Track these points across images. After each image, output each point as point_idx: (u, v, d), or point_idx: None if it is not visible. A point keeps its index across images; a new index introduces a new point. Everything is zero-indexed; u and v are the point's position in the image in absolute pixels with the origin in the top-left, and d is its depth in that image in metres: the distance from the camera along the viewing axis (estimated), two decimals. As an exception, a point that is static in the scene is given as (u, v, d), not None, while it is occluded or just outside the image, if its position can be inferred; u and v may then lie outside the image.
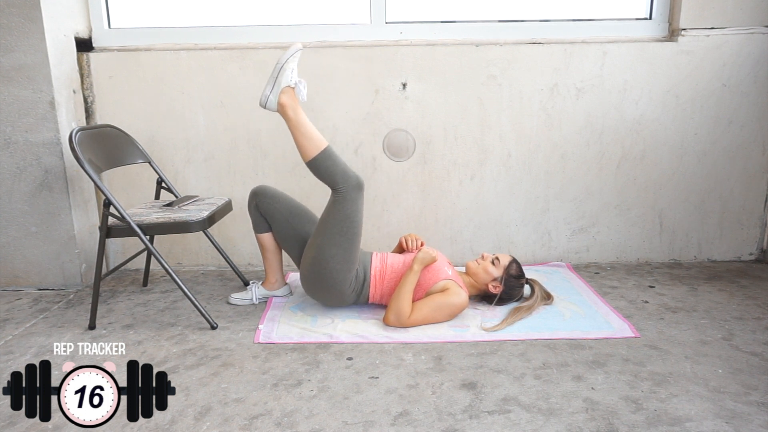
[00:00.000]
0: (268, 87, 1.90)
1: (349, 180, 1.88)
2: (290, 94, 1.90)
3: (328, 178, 1.89)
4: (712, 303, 2.14)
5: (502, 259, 2.08)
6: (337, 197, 1.89)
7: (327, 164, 1.88)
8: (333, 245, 1.91)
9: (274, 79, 1.89)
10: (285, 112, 1.90)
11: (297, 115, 1.89)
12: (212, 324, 1.96)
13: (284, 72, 1.87)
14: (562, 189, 2.57)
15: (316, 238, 1.94)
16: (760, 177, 2.55)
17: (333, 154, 1.90)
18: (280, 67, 1.87)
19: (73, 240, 2.33)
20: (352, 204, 1.89)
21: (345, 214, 1.89)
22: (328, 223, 1.91)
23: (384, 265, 2.04)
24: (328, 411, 1.44)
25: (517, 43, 2.43)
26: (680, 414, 1.41)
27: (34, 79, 2.19)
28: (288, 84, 1.88)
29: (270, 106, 1.92)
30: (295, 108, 1.90)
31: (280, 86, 1.88)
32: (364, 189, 1.92)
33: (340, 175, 1.88)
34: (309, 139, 1.89)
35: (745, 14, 2.38)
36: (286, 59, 1.87)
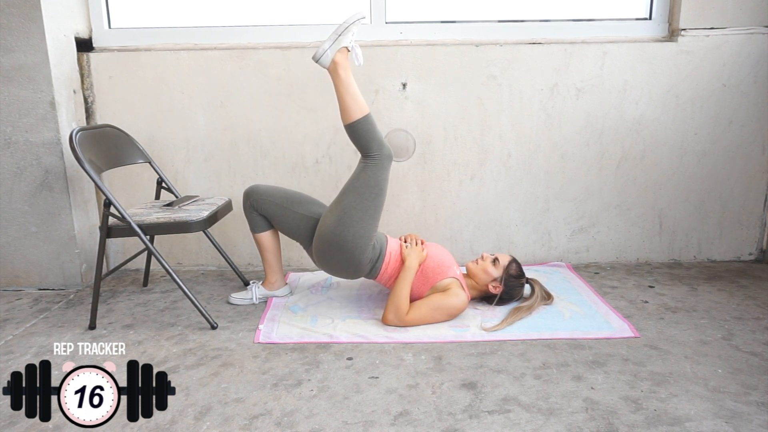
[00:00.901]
0: (327, 42, 1.92)
1: (383, 148, 1.93)
2: (345, 55, 1.93)
3: (364, 143, 1.93)
4: (712, 303, 2.14)
5: (502, 259, 2.08)
6: (368, 163, 1.92)
7: (368, 128, 1.92)
8: (359, 209, 1.92)
9: (336, 35, 1.91)
10: (336, 71, 1.92)
11: (348, 76, 1.92)
12: (212, 324, 1.96)
13: (347, 33, 1.91)
14: (562, 189, 2.58)
15: (342, 201, 1.94)
16: (760, 177, 2.55)
17: (374, 121, 1.95)
18: (345, 27, 1.90)
19: (73, 240, 2.33)
20: (384, 172, 1.93)
21: (375, 181, 1.92)
22: (356, 188, 1.93)
23: (399, 248, 2.07)
24: (328, 411, 1.44)
25: (517, 43, 2.43)
26: (680, 414, 1.41)
27: (35, 79, 2.19)
28: (346, 45, 1.92)
29: (323, 61, 1.93)
30: (347, 69, 1.93)
31: (340, 45, 1.91)
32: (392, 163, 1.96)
33: (377, 141, 1.92)
34: (355, 100, 1.92)
35: (745, 14, 2.38)
36: (352, 22, 1.91)
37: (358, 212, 1.91)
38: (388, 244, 2.06)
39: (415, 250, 2.03)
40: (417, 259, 2.00)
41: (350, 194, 1.93)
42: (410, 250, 2.03)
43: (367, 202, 1.92)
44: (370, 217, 1.93)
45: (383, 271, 2.03)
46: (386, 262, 2.02)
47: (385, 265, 2.03)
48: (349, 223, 1.91)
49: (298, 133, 2.50)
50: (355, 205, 1.91)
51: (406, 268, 1.97)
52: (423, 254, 2.03)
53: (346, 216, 1.92)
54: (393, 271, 2.03)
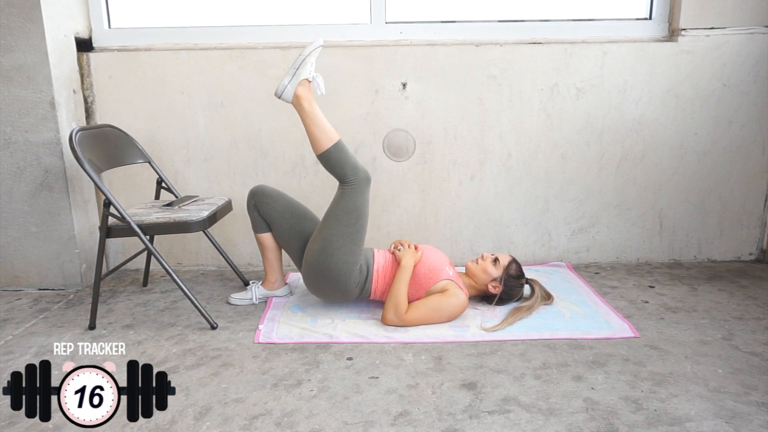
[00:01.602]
0: (287, 77, 1.91)
1: (358, 173, 1.91)
2: (307, 87, 1.92)
3: (338, 171, 1.92)
4: (712, 303, 2.14)
5: (502, 259, 2.08)
6: (346, 189, 1.91)
7: (339, 156, 1.91)
8: (340, 237, 1.91)
9: (295, 69, 1.90)
10: (300, 104, 1.91)
11: (312, 107, 1.91)
12: (212, 324, 1.96)
13: (305, 65, 1.89)
14: (562, 189, 2.57)
15: (323, 230, 1.94)
16: (760, 177, 2.55)
17: (344, 147, 1.93)
18: (302, 59, 1.89)
19: (73, 240, 2.33)
20: (361, 196, 1.92)
21: (354, 206, 1.91)
22: (336, 215, 1.92)
23: (386, 261, 2.05)
24: (328, 411, 1.44)
25: (517, 43, 2.43)
26: (680, 414, 1.41)
27: (34, 79, 2.19)
28: (306, 77, 1.91)
29: (286, 97, 1.93)
30: (310, 101, 1.92)
31: (299, 78, 1.90)
32: (371, 184, 1.95)
33: (351, 167, 1.91)
34: (323, 130, 1.91)
35: (745, 14, 2.38)
36: (309, 52, 1.89)
37: (340, 239, 1.91)
38: (374, 261, 2.05)
39: (409, 252, 2.02)
40: (412, 258, 1.99)
41: (330, 222, 1.93)
42: (404, 252, 2.02)
43: (348, 228, 1.91)
44: (352, 243, 1.93)
45: (374, 290, 2.03)
46: (375, 280, 2.02)
47: (374, 284, 2.02)
48: (332, 252, 1.92)
49: (298, 133, 2.50)
50: (336, 232, 1.91)
51: (402, 267, 1.96)
52: (417, 255, 2.02)
53: (328, 245, 1.92)
54: (385, 286, 2.03)
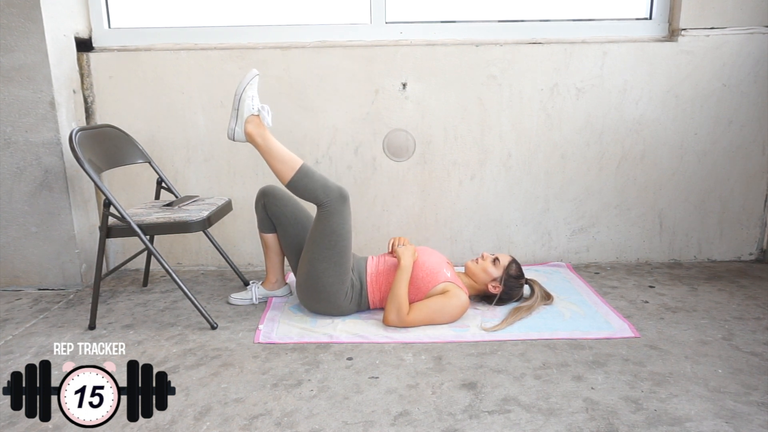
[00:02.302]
0: (232, 120, 1.90)
1: (330, 193, 1.88)
2: (255, 122, 1.90)
3: (309, 196, 1.89)
4: (712, 303, 2.14)
5: (502, 259, 2.08)
6: (322, 212, 1.89)
7: (305, 182, 1.88)
8: (323, 260, 1.91)
9: (236, 111, 1.89)
10: (254, 141, 1.90)
11: (266, 141, 1.90)
12: (212, 324, 1.96)
13: (244, 102, 1.88)
14: (562, 189, 2.58)
15: (306, 253, 1.95)
16: (760, 177, 2.55)
17: (309, 171, 1.90)
18: (238, 98, 1.88)
19: (73, 240, 2.33)
20: (338, 216, 1.89)
21: (331, 229, 1.89)
22: (316, 239, 1.92)
23: (379, 268, 2.04)
24: (328, 411, 1.44)
25: (517, 43, 2.43)
26: (680, 414, 1.41)
27: (34, 79, 2.19)
28: (251, 113, 1.89)
29: (238, 138, 1.92)
30: (264, 135, 1.90)
31: (244, 117, 1.89)
32: (348, 199, 1.91)
33: (320, 190, 1.88)
34: (282, 162, 1.89)
35: (745, 14, 2.38)
36: (243, 88, 1.87)
37: (323, 263, 1.91)
38: (367, 271, 2.04)
39: (408, 249, 2.01)
40: (411, 257, 1.98)
41: (311, 246, 1.92)
42: (403, 250, 2.00)
43: (329, 251, 1.90)
44: (336, 264, 1.92)
45: (372, 299, 2.03)
46: (370, 291, 2.01)
47: (371, 295, 2.02)
48: (318, 275, 1.92)
49: (298, 133, 2.50)
50: (318, 256, 1.91)
51: (402, 267, 1.95)
52: (415, 254, 2.01)
53: (313, 269, 1.92)
54: (382, 293, 2.02)
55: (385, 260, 2.07)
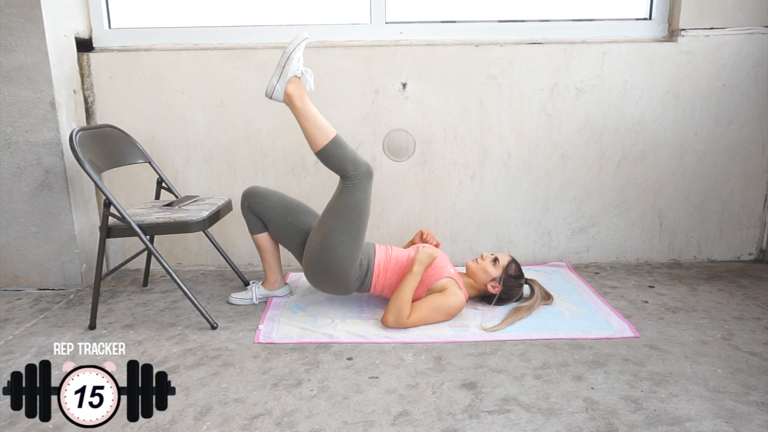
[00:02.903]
0: (274, 77, 1.86)
1: (359, 167, 1.87)
2: (297, 84, 1.87)
3: (338, 167, 1.88)
4: (712, 303, 2.14)
5: (502, 259, 2.08)
6: (347, 184, 1.88)
7: (337, 152, 1.87)
8: (341, 233, 1.89)
9: (281, 68, 1.85)
10: (292, 102, 1.87)
11: (304, 104, 1.87)
12: (212, 324, 1.96)
13: (291, 61, 1.84)
14: (562, 189, 2.58)
15: (324, 224, 1.92)
16: (760, 177, 2.55)
17: (342, 143, 1.89)
18: (287, 56, 1.84)
19: (73, 240, 2.33)
20: (362, 191, 1.88)
21: (355, 202, 1.88)
22: (336, 211, 1.90)
23: (388, 257, 2.04)
24: (328, 411, 1.44)
25: (517, 43, 2.43)
26: (680, 414, 1.41)
27: (35, 79, 2.19)
28: (294, 74, 1.86)
29: (276, 97, 1.88)
30: (302, 97, 1.87)
31: (287, 76, 1.85)
32: (373, 177, 1.91)
33: (350, 162, 1.87)
34: (318, 128, 1.87)
35: (745, 14, 2.38)
36: (293, 48, 1.84)
37: (340, 235, 1.90)
38: (375, 256, 2.04)
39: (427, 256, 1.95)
40: (424, 265, 1.96)
41: (331, 217, 1.91)
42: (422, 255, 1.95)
43: (348, 224, 1.89)
44: (352, 239, 1.91)
45: (374, 285, 2.03)
46: (375, 275, 2.02)
47: (375, 279, 2.02)
48: (333, 247, 1.90)
49: (298, 133, 2.47)
50: (336, 228, 1.90)
51: (413, 273, 1.94)
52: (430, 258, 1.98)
53: (329, 240, 1.90)
54: (385, 282, 2.02)
55: (394, 251, 2.07)
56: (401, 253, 2.07)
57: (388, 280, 2.02)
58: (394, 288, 2.02)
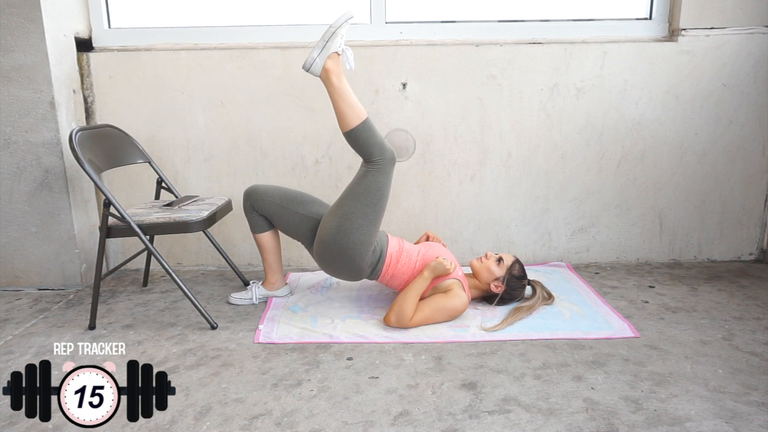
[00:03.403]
0: (315, 50, 1.84)
1: (385, 153, 1.88)
2: (336, 61, 1.86)
3: (365, 149, 1.88)
4: (712, 303, 2.14)
5: (506, 259, 2.08)
6: (370, 168, 1.88)
7: (367, 135, 1.87)
8: (360, 216, 1.89)
9: (324, 42, 1.83)
10: (329, 78, 1.85)
11: (341, 82, 1.86)
12: (212, 324, 1.96)
13: (335, 37, 1.83)
14: (562, 189, 2.57)
15: (342, 207, 1.91)
16: (760, 177, 2.55)
17: (372, 126, 1.89)
18: (333, 31, 1.82)
19: (73, 240, 2.33)
20: (385, 177, 1.89)
21: (377, 186, 1.89)
22: (357, 194, 1.90)
23: (401, 248, 2.05)
24: (328, 411, 1.44)
25: (517, 43, 2.43)
26: (680, 414, 1.41)
27: (34, 79, 2.19)
28: (336, 50, 1.85)
29: (314, 70, 1.86)
30: (340, 75, 1.86)
31: (329, 51, 1.84)
32: (395, 165, 1.92)
33: (378, 146, 1.87)
34: (351, 107, 1.86)
35: (745, 14, 2.38)
36: (340, 24, 1.82)
37: (359, 219, 1.89)
38: (388, 245, 2.04)
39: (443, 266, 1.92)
40: (434, 275, 1.95)
41: (351, 200, 1.90)
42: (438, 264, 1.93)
43: (368, 209, 1.89)
44: (370, 224, 1.91)
45: (384, 273, 2.03)
46: (387, 263, 2.01)
47: (386, 267, 2.02)
48: (350, 230, 1.89)
49: (298, 133, 2.50)
50: (356, 211, 1.89)
51: (423, 277, 1.94)
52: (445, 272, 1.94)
53: (347, 223, 1.89)
54: (395, 271, 2.02)
55: (406, 244, 2.07)
56: (412, 248, 2.08)
57: (397, 270, 2.02)
58: (401, 279, 2.02)
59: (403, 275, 2.01)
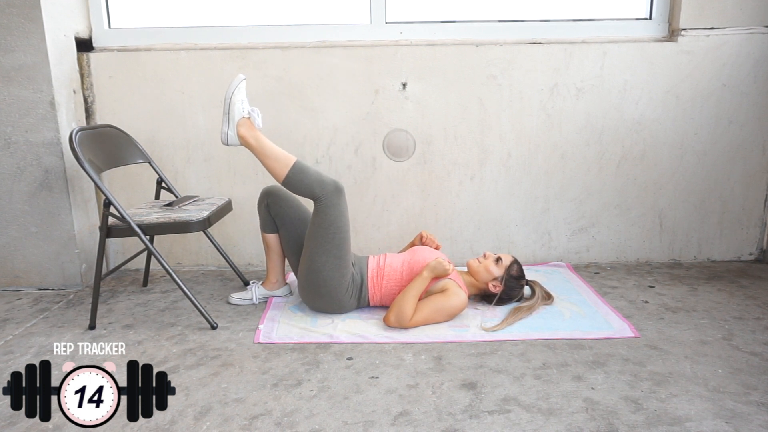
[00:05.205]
0: (224, 125, 1.93)
1: (326, 186, 1.90)
2: (247, 125, 1.92)
3: (306, 191, 1.92)
4: (712, 303, 2.14)
5: (505, 259, 2.08)
6: (319, 206, 1.92)
7: (300, 177, 1.91)
8: (322, 253, 1.93)
9: (226, 115, 1.92)
10: (247, 143, 1.92)
11: (259, 141, 1.92)
12: (212, 324, 1.96)
13: (234, 105, 1.90)
14: (562, 189, 2.57)
15: (306, 249, 1.97)
16: (760, 177, 2.55)
17: (304, 167, 1.93)
18: (228, 102, 1.90)
19: (73, 240, 2.33)
20: (335, 209, 1.91)
21: (329, 221, 1.91)
22: (314, 233, 1.94)
23: (380, 267, 2.05)
24: (328, 411, 1.44)
25: (517, 43, 2.43)
26: (680, 414, 1.41)
27: (34, 79, 2.19)
28: (242, 116, 1.91)
29: (232, 142, 1.94)
30: (256, 136, 1.92)
31: (235, 120, 1.91)
32: (344, 192, 1.94)
33: (316, 184, 1.91)
34: (276, 160, 1.92)
35: (745, 14, 2.38)
36: (232, 93, 1.90)
37: (322, 256, 1.93)
38: (368, 267, 2.05)
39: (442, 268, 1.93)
40: (434, 275, 1.95)
41: (310, 240, 1.95)
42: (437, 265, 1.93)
43: (328, 244, 1.92)
44: (334, 258, 1.93)
45: (372, 296, 2.04)
46: (371, 288, 2.03)
47: (371, 291, 2.03)
48: (318, 270, 1.94)
49: (298, 133, 2.50)
50: (317, 250, 1.93)
51: (422, 277, 1.94)
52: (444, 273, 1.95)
53: (313, 263, 1.94)
54: (383, 291, 2.02)
55: (388, 259, 2.07)
56: (395, 259, 2.07)
57: (385, 289, 2.02)
58: (394, 295, 2.02)
59: (393, 290, 2.02)
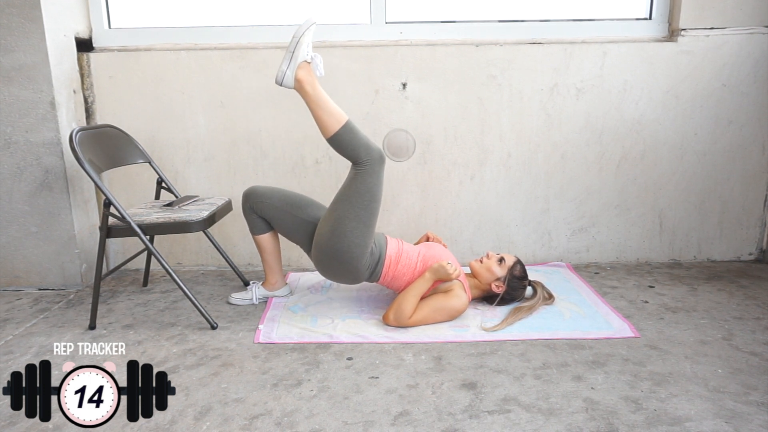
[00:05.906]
0: (284, 63, 1.83)
1: (371, 153, 1.86)
2: (307, 70, 1.84)
3: (350, 152, 1.86)
4: (712, 303, 2.14)
5: (508, 259, 2.08)
6: (359, 170, 1.87)
7: (350, 138, 1.85)
8: (353, 219, 1.87)
9: (291, 53, 1.82)
10: (303, 88, 1.85)
11: (315, 90, 1.84)
12: (212, 324, 1.96)
13: (300, 46, 1.81)
14: (562, 189, 2.57)
15: (335, 211, 1.90)
16: (760, 177, 2.55)
17: (354, 128, 1.87)
18: (296, 41, 1.81)
19: (73, 240, 2.33)
20: (375, 177, 1.87)
21: (367, 188, 1.87)
22: (348, 197, 1.88)
23: (400, 250, 2.03)
24: (328, 411, 1.44)
25: (517, 43, 2.43)
26: (680, 414, 1.41)
27: (35, 79, 2.19)
28: (304, 59, 1.83)
29: (287, 83, 1.86)
30: (313, 83, 1.85)
31: (297, 61, 1.82)
32: (385, 163, 1.90)
33: (363, 148, 1.85)
34: (329, 114, 1.85)
35: (745, 14, 2.38)
36: (303, 33, 1.80)
37: (352, 222, 1.88)
38: (387, 247, 2.03)
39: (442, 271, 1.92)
40: (437, 277, 1.95)
41: (342, 203, 1.89)
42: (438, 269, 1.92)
43: (360, 211, 1.88)
44: (364, 225, 1.89)
45: (384, 275, 2.02)
46: (386, 265, 2.01)
47: (385, 269, 2.01)
48: (343, 234, 1.88)
49: (298, 133, 2.50)
50: (348, 214, 1.88)
51: (424, 278, 1.94)
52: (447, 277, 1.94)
53: (340, 226, 1.88)
54: (395, 273, 2.01)
55: (406, 245, 2.06)
56: (412, 249, 2.07)
57: (397, 272, 2.01)
58: (402, 281, 2.01)
59: (404, 276, 2.01)
